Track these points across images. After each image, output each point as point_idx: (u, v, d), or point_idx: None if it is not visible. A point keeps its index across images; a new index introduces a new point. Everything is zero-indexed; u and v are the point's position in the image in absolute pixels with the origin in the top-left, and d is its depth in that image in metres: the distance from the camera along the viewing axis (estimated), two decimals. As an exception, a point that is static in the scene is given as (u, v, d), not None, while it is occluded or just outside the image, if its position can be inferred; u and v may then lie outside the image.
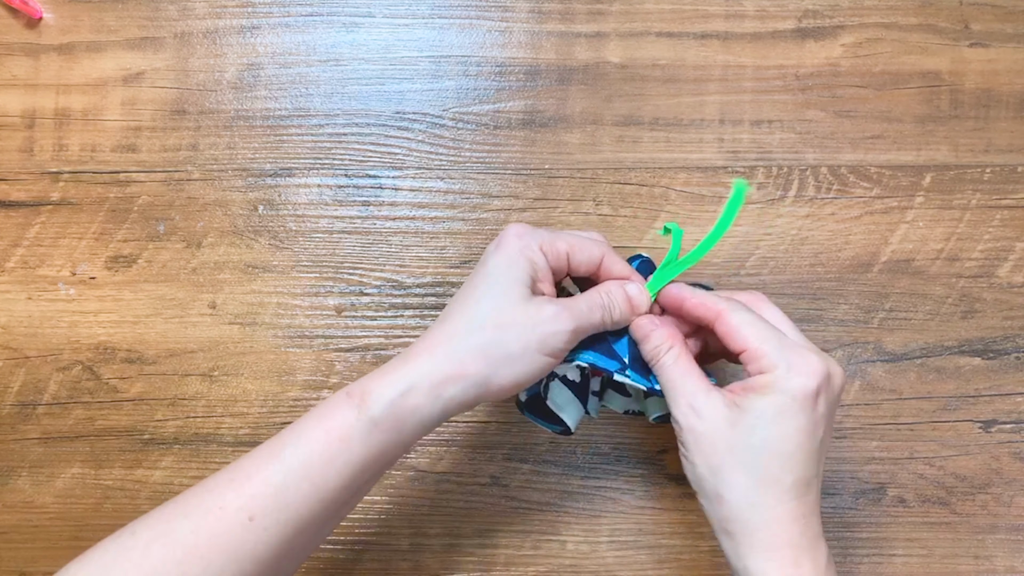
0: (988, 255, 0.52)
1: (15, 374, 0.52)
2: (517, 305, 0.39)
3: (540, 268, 0.40)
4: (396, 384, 0.38)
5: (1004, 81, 0.52)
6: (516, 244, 0.40)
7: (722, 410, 0.38)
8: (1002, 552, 0.52)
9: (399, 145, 0.52)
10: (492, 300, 0.39)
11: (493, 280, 0.40)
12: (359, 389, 0.38)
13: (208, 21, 0.52)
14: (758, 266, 0.52)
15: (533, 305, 0.39)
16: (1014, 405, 0.52)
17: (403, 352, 0.40)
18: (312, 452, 0.37)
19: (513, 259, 0.40)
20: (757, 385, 0.38)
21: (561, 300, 0.40)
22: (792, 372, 0.38)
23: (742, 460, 0.38)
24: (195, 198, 0.52)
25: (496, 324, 0.39)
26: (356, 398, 0.38)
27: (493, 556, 0.52)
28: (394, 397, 0.38)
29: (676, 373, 0.40)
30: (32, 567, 0.52)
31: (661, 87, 0.52)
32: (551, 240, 0.41)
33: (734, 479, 0.38)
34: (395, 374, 0.38)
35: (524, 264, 0.40)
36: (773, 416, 0.38)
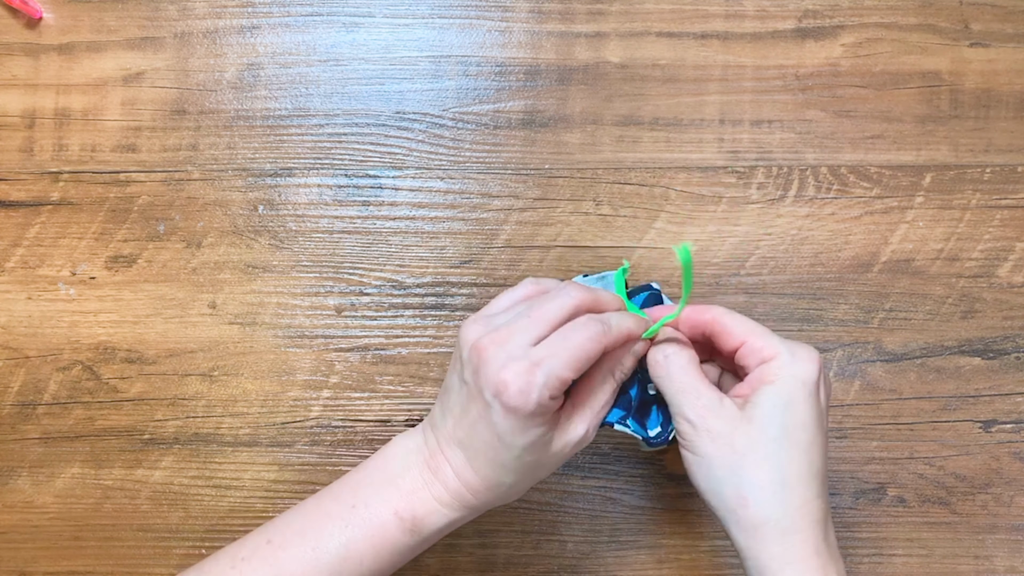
0: (988, 255, 0.52)
1: (15, 374, 0.52)
2: (545, 453, 0.38)
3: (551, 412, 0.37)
4: (448, 516, 0.39)
5: (1004, 81, 0.52)
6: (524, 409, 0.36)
7: (735, 409, 0.38)
8: (1002, 552, 0.52)
9: (399, 145, 0.52)
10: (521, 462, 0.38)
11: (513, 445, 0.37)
12: (409, 514, 0.39)
13: (208, 21, 0.52)
14: (758, 266, 0.52)
15: (558, 443, 0.39)
16: (1014, 405, 0.52)
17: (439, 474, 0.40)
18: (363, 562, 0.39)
19: (527, 423, 0.37)
20: (765, 375, 0.38)
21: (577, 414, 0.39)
22: (796, 358, 0.38)
23: (765, 455, 0.37)
24: (195, 198, 0.52)
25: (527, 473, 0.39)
26: (408, 522, 0.39)
27: (493, 556, 0.52)
28: (443, 527, 0.40)
29: (689, 377, 0.39)
30: (32, 567, 0.52)
31: (661, 87, 0.52)
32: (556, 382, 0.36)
33: (759, 477, 0.37)
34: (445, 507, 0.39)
35: (539, 421, 0.37)
36: (786, 404, 0.37)
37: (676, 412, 0.39)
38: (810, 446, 0.37)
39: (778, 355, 0.38)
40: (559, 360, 0.36)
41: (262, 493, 0.52)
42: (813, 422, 0.37)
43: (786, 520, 0.36)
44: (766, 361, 0.38)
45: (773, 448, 0.37)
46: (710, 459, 0.38)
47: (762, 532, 0.37)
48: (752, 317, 0.51)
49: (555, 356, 0.36)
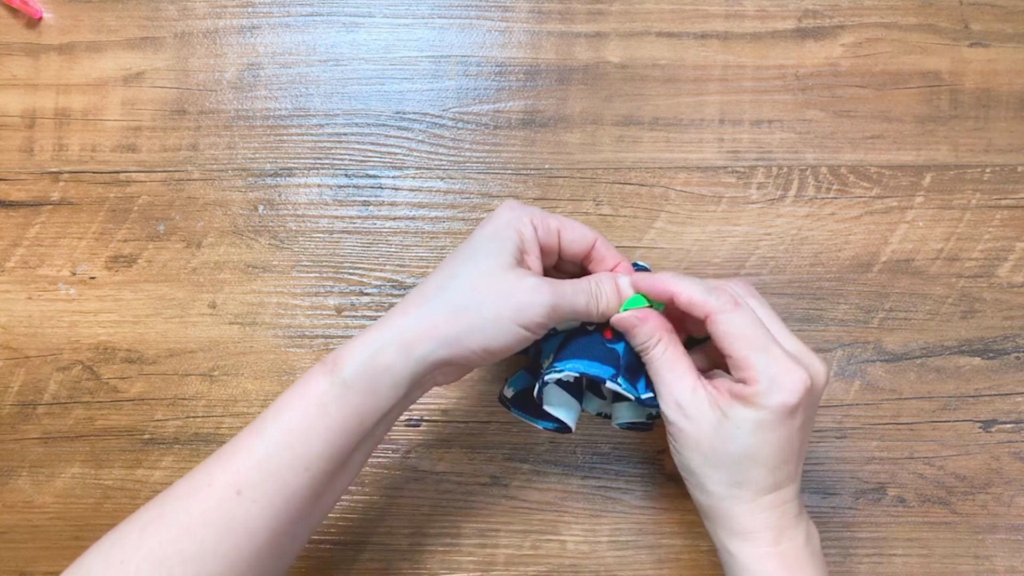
0: (988, 255, 0.52)
1: (15, 374, 0.52)
2: (496, 272, 0.39)
3: (528, 240, 0.41)
4: (367, 345, 0.39)
5: (1004, 81, 0.52)
6: (506, 215, 0.41)
7: (706, 412, 0.39)
8: (1002, 552, 0.52)
9: (399, 145, 0.52)
10: (472, 265, 0.39)
11: (477, 247, 0.40)
12: (332, 356, 0.39)
13: (208, 21, 0.52)
14: (758, 266, 0.52)
15: (513, 274, 0.39)
16: (1014, 405, 0.52)
17: (381, 317, 0.40)
18: (291, 421, 0.38)
19: (500, 229, 0.40)
20: (741, 395, 0.39)
21: (546, 279, 0.40)
22: (774, 388, 0.38)
23: (722, 462, 0.39)
24: (195, 198, 0.52)
25: (472, 287, 0.39)
26: (329, 364, 0.38)
27: (493, 556, 0.52)
28: (365, 358, 0.38)
29: (664, 366, 0.40)
30: (32, 567, 0.52)
31: (661, 87, 0.52)
32: (543, 215, 0.41)
33: (715, 475, 0.40)
34: (367, 336, 0.39)
35: (511, 234, 0.40)
36: (752, 428, 0.38)
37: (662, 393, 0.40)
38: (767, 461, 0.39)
39: (757, 382, 0.38)
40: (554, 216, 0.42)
41: (262, 493, 0.52)
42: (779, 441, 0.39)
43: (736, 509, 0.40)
44: (746, 383, 0.39)
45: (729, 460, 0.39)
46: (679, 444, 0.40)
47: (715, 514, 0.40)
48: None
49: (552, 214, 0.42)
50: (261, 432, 0.38)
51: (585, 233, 0.42)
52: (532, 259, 0.41)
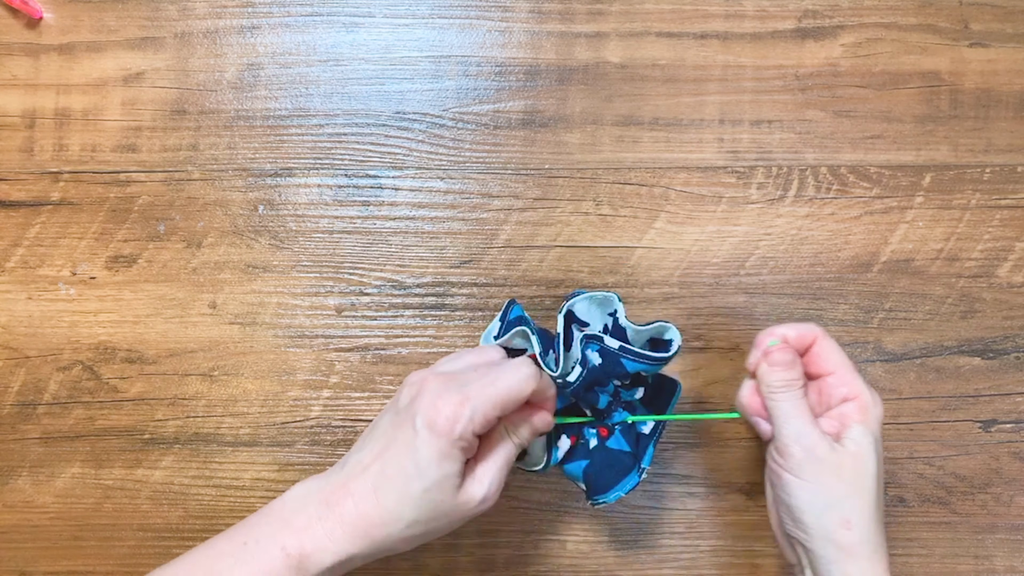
0: (988, 255, 0.52)
1: (15, 374, 0.52)
2: (450, 500, 0.40)
3: (472, 450, 0.41)
4: (338, 554, 0.39)
5: (1004, 81, 0.52)
6: (448, 436, 0.39)
7: (835, 443, 0.42)
8: (1002, 552, 0.52)
9: (399, 145, 0.52)
10: (426, 499, 0.39)
11: (426, 475, 0.39)
12: (296, 550, 0.39)
13: (208, 21, 0.52)
14: (758, 266, 0.52)
15: (463, 495, 0.40)
16: (1014, 405, 0.52)
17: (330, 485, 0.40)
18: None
19: (446, 453, 0.39)
20: (855, 415, 0.42)
21: (480, 471, 0.41)
22: (875, 402, 0.43)
23: (868, 486, 0.42)
24: (195, 198, 0.52)
25: (429, 514, 0.40)
26: (294, 559, 0.39)
27: (493, 556, 0.52)
28: (333, 565, 0.39)
29: (802, 405, 0.43)
30: (32, 567, 0.52)
31: (661, 87, 0.52)
32: (482, 417, 0.40)
33: (863, 504, 0.41)
34: (336, 543, 0.39)
35: (458, 456, 0.39)
36: (875, 441, 0.42)
37: (789, 436, 0.42)
38: (884, 480, 0.43)
39: (862, 394, 0.43)
40: (489, 396, 0.40)
41: (262, 493, 0.52)
42: (882, 459, 0.43)
43: (875, 541, 0.42)
44: (850, 399, 0.43)
45: (872, 482, 0.42)
46: (817, 485, 0.42)
47: (857, 551, 0.41)
48: (752, 317, 0.51)
49: (486, 392, 0.40)
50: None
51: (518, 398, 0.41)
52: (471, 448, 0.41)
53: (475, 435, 0.40)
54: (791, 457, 0.42)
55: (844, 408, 0.43)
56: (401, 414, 0.41)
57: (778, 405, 0.43)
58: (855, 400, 0.43)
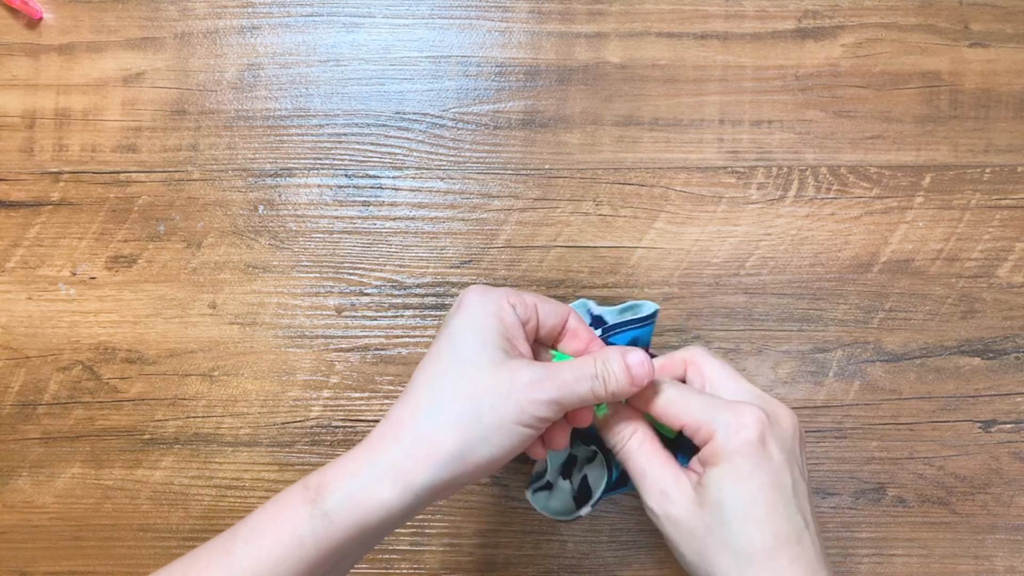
0: (988, 255, 0.52)
1: (15, 374, 0.52)
2: (489, 370, 0.35)
3: (511, 325, 0.36)
4: (356, 475, 0.34)
5: (1004, 81, 0.52)
6: (479, 301, 0.36)
7: (691, 493, 0.37)
8: (1002, 552, 0.52)
9: (399, 145, 0.52)
10: (460, 367, 0.35)
11: (459, 343, 0.35)
12: (316, 480, 0.35)
13: (208, 21, 0.52)
14: (758, 266, 0.52)
15: (507, 370, 0.35)
16: (1014, 405, 0.52)
17: (368, 435, 0.36)
18: (262, 549, 0.34)
19: (478, 318, 0.36)
20: (706, 457, 0.37)
21: (542, 364, 0.36)
22: (730, 431, 0.36)
23: (723, 539, 0.35)
24: (195, 198, 0.52)
25: (467, 394, 0.34)
26: (312, 491, 0.34)
27: (493, 556, 0.52)
28: (353, 490, 0.34)
29: (643, 458, 0.38)
30: (32, 567, 0.52)
31: (661, 87, 0.52)
32: (517, 293, 0.37)
33: (721, 560, 0.36)
34: (356, 463, 0.34)
35: (492, 322, 0.36)
36: (732, 483, 0.35)
37: (643, 496, 0.38)
38: (765, 517, 0.35)
39: (714, 434, 0.36)
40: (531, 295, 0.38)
41: (262, 493, 0.52)
42: (765, 489, 0.36)
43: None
44: (706, 441, 0.37)
45: (728, 533, 0.35)
46: (676, 542, 0.37)
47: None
48: (752, 317, 0.51)
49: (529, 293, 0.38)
50: (230, 554, 0.34)
51: (559, 307, 0.39)
52: (520, 344, 0.37)
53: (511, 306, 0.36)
54: (656, 521, 0.37)
55: (703, 451, 0.37)
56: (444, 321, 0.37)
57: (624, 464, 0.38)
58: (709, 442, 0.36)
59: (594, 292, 0.52)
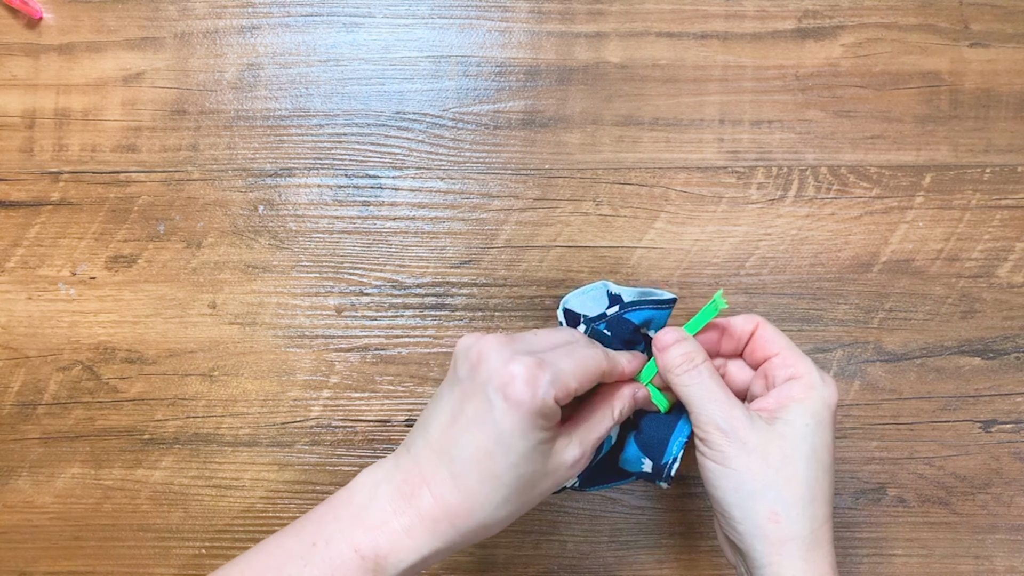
0: (988, 255, 0.52)
1: (15, 374, 0.52)
2: (541, 470, 0.36)
3: (555, 418, 0.37)
4: (419, 551, 0.36)
5: (1004, 81, 0.52)
6: (530, 406, 0.35)
7: (764, 423, 0.38)
8: (1002, 552, 0.52)
9: (399, 145, 0.52)
10: (515, 475, 0.36)
11: (512, 450, 0.35)
12: (372, 550, 0.35)
13: (208, 21, 0.52)
14: (758, 266, 0.52)
15: (552, 460, 0.37)
16: (1014, 405, 0.52)
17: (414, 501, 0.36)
18: None
19: (529, 424, 0.35)
20: (794, 392, 0.38)
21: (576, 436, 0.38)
22: (824, 382, 0.38)
23: (796, 471, 0.37)
24: (195, 198, 0.52)
25: (519, 491, 0.36)
26: (371, 562, 0.35)
27: (493, 556, 0.52)
28: (415, 563, 0.36)
29: (714, 385, 0.38)
30: (32, 567, 0.52)
31: (661, 87, 0.52)
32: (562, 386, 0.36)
33: (791, 492, 0.37)
34: (415, 540, 0.36)
35: (543, 424, 0.36)
36: (816, 424, 0.37)
37: (706, 421, 0.38)
38: (830, 467, 0.38)
39: (808, 374, 0.38)
40: (566, 366, 0.36)
41: (262, 493, 0.52)
42: (831, 445, 0.38)
43: (811, 536, 0.37)
44: (795, 378, 0.39)
45: (804, 465, 0.37)
46: (741, 472, 0.37)
47: (789, 547, 0.37)
48: (752, 317, 0.51)
49: (562, 361, 0.36)
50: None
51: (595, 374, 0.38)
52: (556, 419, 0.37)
53: (557, 403, 0.36)
54: (711, 444, 0.37)
55: (785, 387, 0.39)
56: (464, 384, 0.36)
57: (686, 390, 0.39)
58: (798, 379, 0.38)
59: (594, 292, 0.52)
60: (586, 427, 0.39)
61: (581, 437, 0.38)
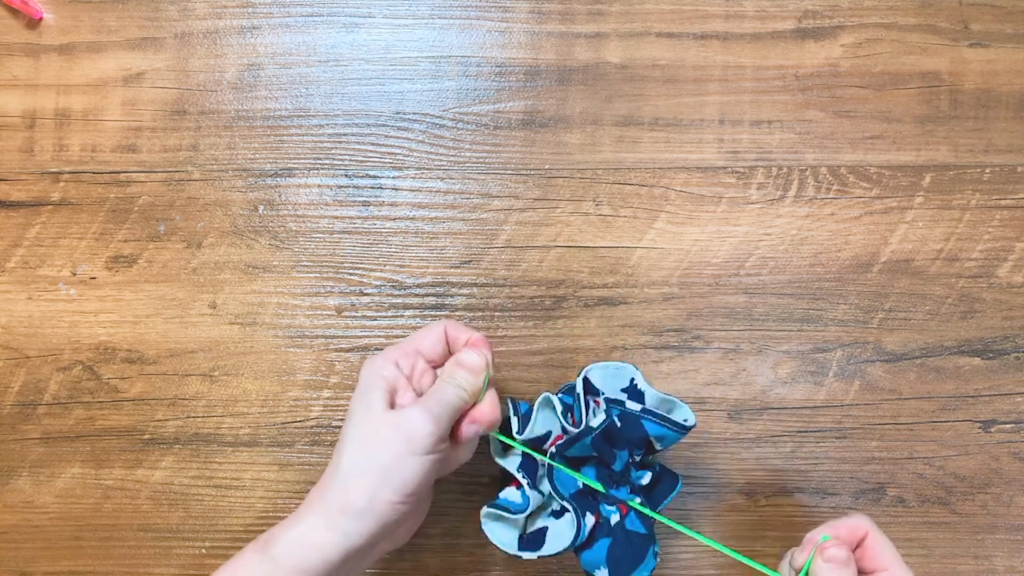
0: (988, 255, 0.52)
1: (16, 374, 0.52)
2: (377, 420, 0.41)
3: (393, 379, 0.43)
4: (295, 525, 0.40)
5: (1004, 81, 0.52)
6: (366, 371, 0.43)
7: None
8: (1002, 552, 0.52)
9: (399, 145, 0.52)
10: (356, 427, 0.41)
11: (354, 409, 0.42)
12: (265, 535, 0.41)
13: (208, 21, 0.52)
14: (758, 266, 0.52)
15: (390, 414, 0.41)
16: (1014, 405, 0.52)
17: (305, 498, 0.42)
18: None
19: (365, 385, 0.42)
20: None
21: (421, 405, 0.42)
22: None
23: None
24: (195, 198, 0.52)
25: (363, 444, 0.41)
26: (261, 543, 0.40)
27: (493, 556, 0.52)
28: (292, 538, 0.40)
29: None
30: (32, 567, 0.52)
31: (661, 87, 0.52)
32: (400, 349, 0.44)
33: None
34: (296, 517, 0.41)
35: (377, 382, 0.42)
36: None
37: None
38: None
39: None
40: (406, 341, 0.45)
41: (262, 493, 0.52)
42: None
43: None
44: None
45: None
46: None
47: None
48: (752, 317, 0.51)
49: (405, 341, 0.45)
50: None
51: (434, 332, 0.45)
52: (404, 394, 0.43)
53: (395, 365, 0.43)
54: None
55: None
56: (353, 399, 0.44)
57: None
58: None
59: (594, 292, 0.52)
60: (426, 395, 0.43)
61: (422, 403, 0.42)
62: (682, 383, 0.52)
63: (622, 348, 0.52)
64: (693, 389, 0.52)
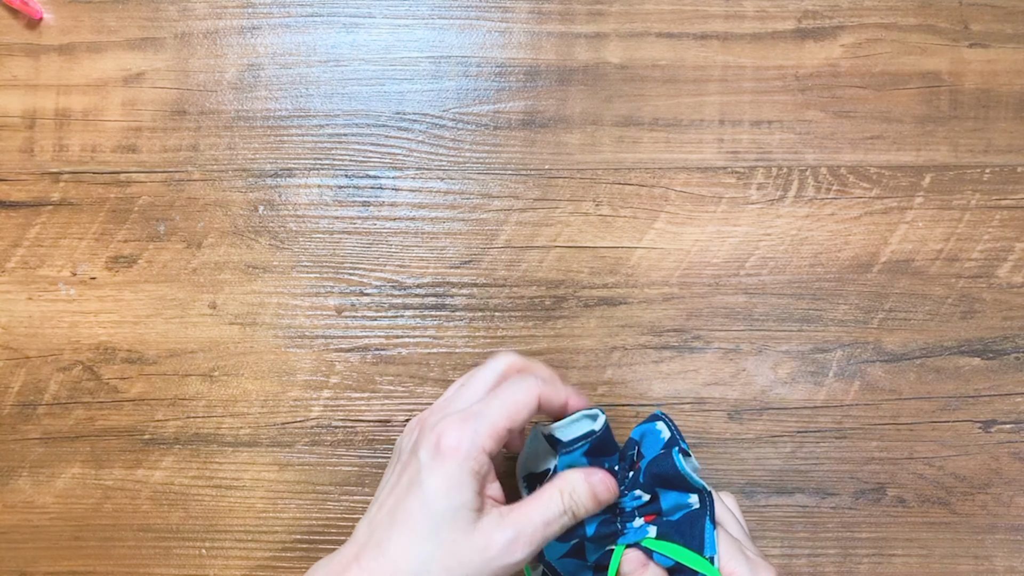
0: (988, 255, 0.52)
1: (15, 374, 0.52)
2: (465, 539, 0.35)
3: (486, 472, 0.37)
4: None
5: (1004, 81, 0.52)
6: (455, 457, 0.35)
7: None
8: (1002, 552, 0.52)
9: (399, 145, 0.52)
10: (436, 538, 0.35)
11: (434, 509, 0.35)
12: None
13: (208, 22, 0.52)
14: (758, 266, 0.52)
15: (482, 535, 0.35)
16: (1014, 405, 0.52)
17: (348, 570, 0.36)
18: None
19: (454, 479, 0.35)
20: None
21: (512, 516, 0.36)
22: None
23: None
24: (195, 198, 0.52)
25: (444, 567, 0.35)
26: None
27: (493, 556, 0.52)
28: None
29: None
30: (32, 567, 0.52)
31: (661, 87, 0.52)
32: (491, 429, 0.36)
33: None
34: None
35: (469, 482, 0.35)
36: None
37: None
38: None
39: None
40: (494, 408, 0.36)
41: (262, 493, 0.52)
42: None
43: None
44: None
45: None
46: None
47: None
48: (752, 317, 0.51)
49: (490, 406, 0.37)
50: None
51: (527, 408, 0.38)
52: (492, 487, 0.38)
53: (487, 453, 0.36)
54: None
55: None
56: (404, 456, 0.37)
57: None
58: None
59: (594, 292, 0.52)
60: (524, 508, 0.37)
61: (517, 518, 0.36)
62: (682, 383, 0.52)
63: (622, 348, 0.52)
64: (693, 389, 0.52)
